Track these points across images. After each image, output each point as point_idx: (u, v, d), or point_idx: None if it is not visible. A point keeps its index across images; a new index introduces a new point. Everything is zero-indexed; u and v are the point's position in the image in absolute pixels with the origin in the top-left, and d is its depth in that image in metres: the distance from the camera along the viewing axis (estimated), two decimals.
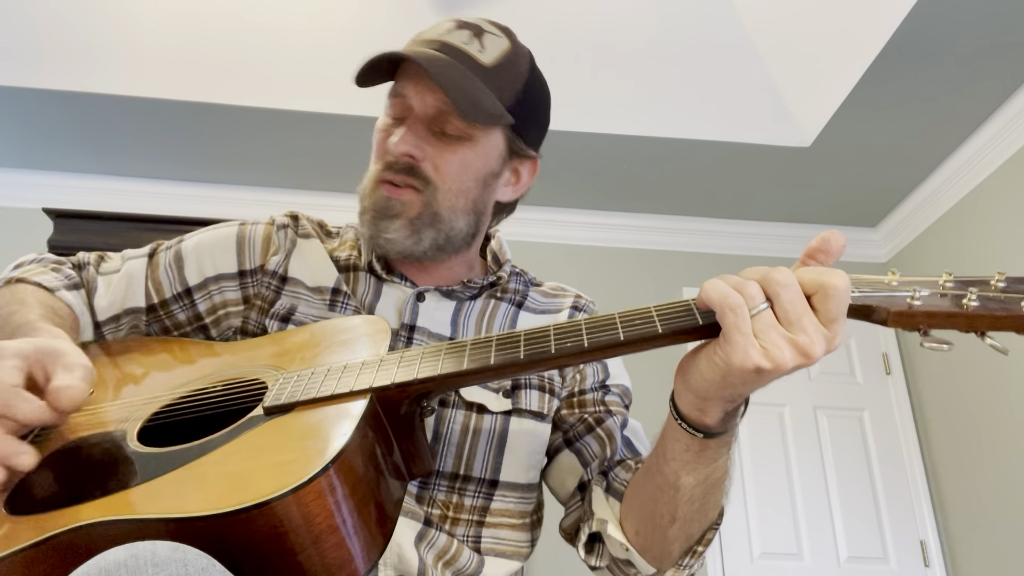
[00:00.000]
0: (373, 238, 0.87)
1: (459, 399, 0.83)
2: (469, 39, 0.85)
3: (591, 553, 0.81)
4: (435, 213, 0.86)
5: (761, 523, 3.07)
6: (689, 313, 0.60)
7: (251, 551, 0.52)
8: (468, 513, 0.81)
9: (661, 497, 0.71)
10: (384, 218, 0.86)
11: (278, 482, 0.52)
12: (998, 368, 2.80)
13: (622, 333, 0.60)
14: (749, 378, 0.57)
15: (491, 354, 0.64)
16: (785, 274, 0.56)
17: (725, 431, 0.65)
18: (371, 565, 0.57)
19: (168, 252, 0.94)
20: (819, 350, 0.55)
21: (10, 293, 0.84)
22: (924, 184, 3.22)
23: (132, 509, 0.54)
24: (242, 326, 0.90)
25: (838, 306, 0.55)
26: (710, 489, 0.70)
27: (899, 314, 0.57)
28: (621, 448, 0.86)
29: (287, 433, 0.60)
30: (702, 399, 0.62)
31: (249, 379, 0.72)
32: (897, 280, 0.59)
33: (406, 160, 0.85)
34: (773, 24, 2.71)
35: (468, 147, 0.87)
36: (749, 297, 0.56)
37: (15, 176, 3.33)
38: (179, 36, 2.78)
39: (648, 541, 0.75)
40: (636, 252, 3.56)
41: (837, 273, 0.56)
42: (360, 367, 0.66)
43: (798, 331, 0.55)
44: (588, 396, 0.91)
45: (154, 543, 0.48)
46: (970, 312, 0.56)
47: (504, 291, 0.97)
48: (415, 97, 0.85)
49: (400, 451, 0.66)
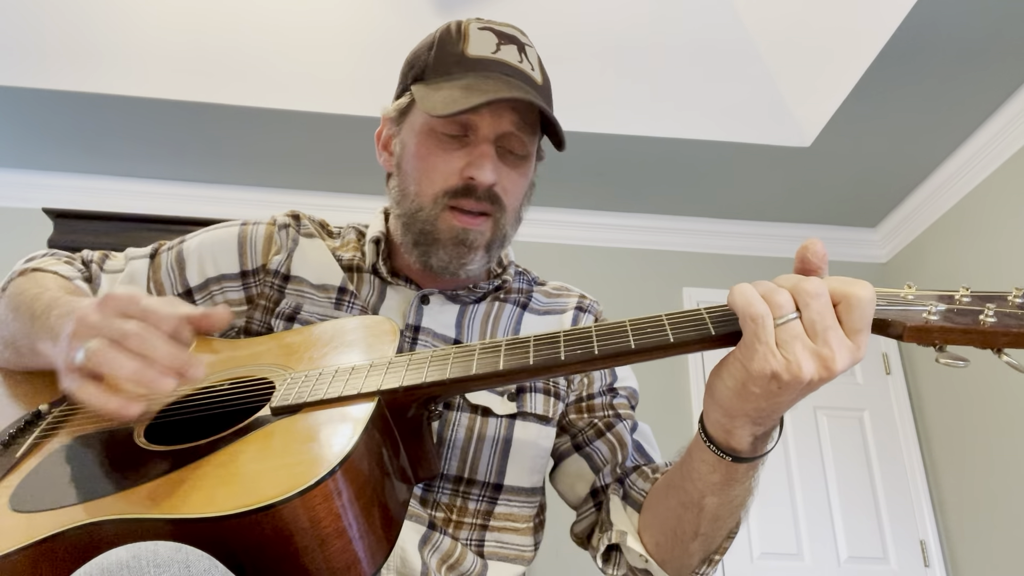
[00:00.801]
0: (447, 268, 0.85)
1: (464, 402, 0.83)
2: (518, 56, 0.86)
3: (608, 562, 0.81)
4: (504, 236, 0.87)
5: (761, 523, 3.07)
6: (702, 323, 0.60)
7: (256, 553, 0.51)
8: (472, 517, 0.81)
9: (685, 515, 0.71)
10: (465, 251, 0.84)
11: (284, 485, 0.51)
12: (998, 368, 2.79)
13: (633, 342, 0.60)
14: (770, 388, 0.56)
15: (500, 359, 0.63)
16: (816, 284, 0.56)
17: (754, 457, 0.64)
18: (377, 568, 0.57)
19: (170, 253, 0.94)
20: (841, 364, 0.54)
21: (30, 280, 0.84)
22: (924, 184, 3.22)
23: (136, 508, 0.54)
24: (246, 326, 0.89)
25: (863, 317, 0.55)
26: (734, 509, 0.70)
27: (915, 329, 0.56)
28: (632, 453, 0.86)
29: (294, 435, 0.60)
30: (728, 417, 0.61)
31: (256, 378, 0.72)
32: (913, 294, 0.58)
33: (489, 190, 0.83)
34: (773, 24, 2.71)
35: (528, 166, 0.88)
36: (777, 306, 0.55)
37: (15, 176, 3.33)
38: (179, 36, 2.78)
39: (668, 555, 0.75)
40: (636, 252, 3.56)
41: (862, 284, 0.55)
42: (368, 369, 0.66)
43: (822, 344, 0.54)
44: (597, 400, 0.90)
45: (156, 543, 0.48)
46: (987, 329, 0.54)
47: (509, 293, 0.96)
48: (488, 118, 0.83)
49: (407, 454, 0.66)
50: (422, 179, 0.85)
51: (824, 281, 0.57)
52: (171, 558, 0.47)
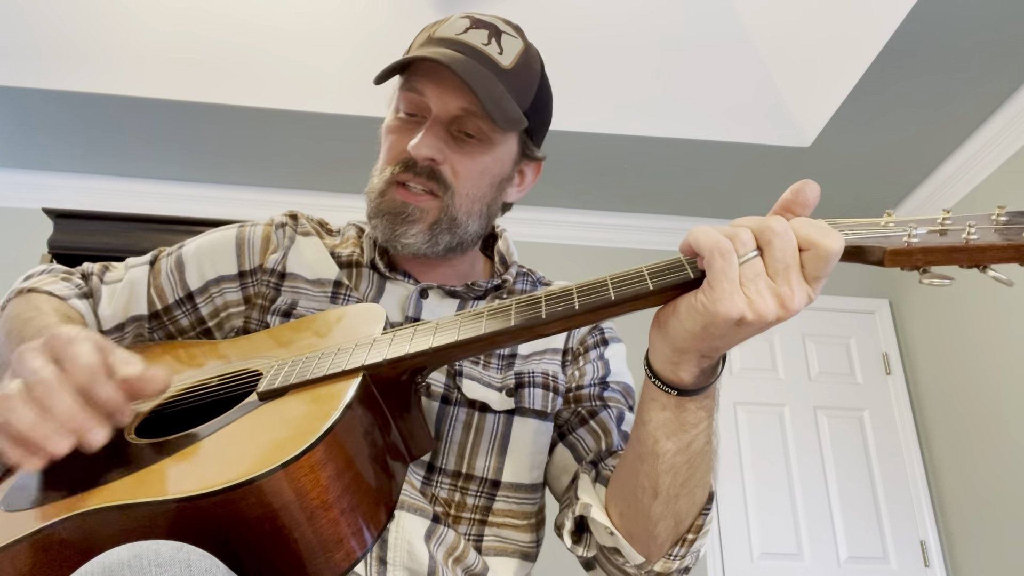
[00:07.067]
0: (389, 241, 0.87)
1: (462, 397, 0.83)
2: (487, 39, 0.85)
3: (578, 543, 0.80)
4: (453, 218, 0.86)
5: (761, 523, 3.07)
6: (680, 267, 0.59)
7: (245, 531, 0.52)
8: (470, 512, 0.81)
9: (641, 467, 0.69)
10: (402, 223, 0.85)
11: (269, 459, 0.52)
12: (999, 368, 2.80)
13: (612, 293, 0.59)
14: (730, 329, 0.56)
15: (483, 323, 0.63)
16: (781, 223, 0.55)
17: (702, 389, 0.64)
18: (369, 545, 0.57)
19: (170, 258, 0.94)
20: (798, 304, 0.54)
21: (25, 302, 0.85)
22: (924, 184, 3.22)
23: (125, 495, 0.54)
24: (244, 326, 0.90)
25: (826, 268, 0.55)
26: (693, 460, 0.68)
27: (896, 252, 0.54)
28: (618, 442, 0.84)
29: (280, 415, 0.61)
30: (678, 351, 0.61)
31: (245, 370, 0.73)
32: (893, 221, 0.57)
33: (427, 164, 0.84)
34: (773, 24, 2.71)
35: (487, 152, 0.87)
36: (741, 243, 0.55)
37: (15, 176, 3.33)
38: (179, 36, 2.78)
39: (632, 523, 0.72)
40: (636, 252, 3.55)
41: (835, 235, 0.55)
42: (353, 348, 0.66)
43: (782, 282, 0.54)
44: (585, 391, 0.90)
45: (158, 543, 0.48)
46: (972, 245, 0.53)
47: (510, 293, 0.96)
48: (435, 98, 0.84)
49: (398, 430, 0.66)
50: (382, 155, 0.89)
51: (791, 222, 0.56)
52: (172, 557, 0.47)
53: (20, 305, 0.84)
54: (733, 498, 3.10)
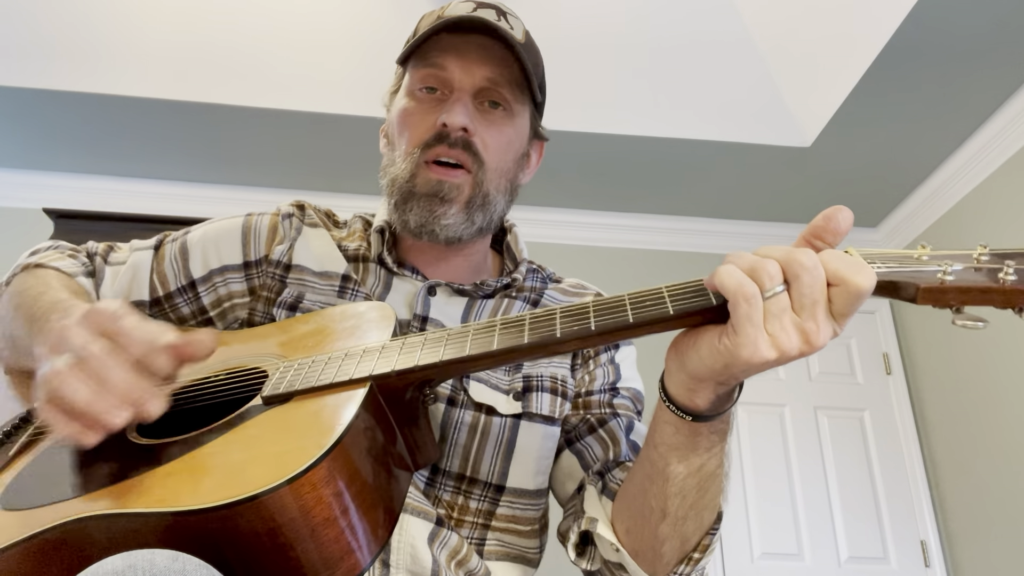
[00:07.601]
0: (425, 225, 0.84)
1: (468, 399, 0.81)
2: (497, 17, 0.84)
3: (582, 556, 0.78)
4: (486, 194, 0.85)
5: (761, 523, 3.07)
6: (702, 293, 0.56)
7: (245, 546, 0.50)
8: (473, 516, 0.80)
9: (650, 488, 0.67)
10: (440, 203, 0.83)
11: (273, 474, 0.50)
12: (999, 368, 2.79)
13: (631, 315, 0.57)
14: (752, 368, 0.54)
15: (495, 339, 0.61)
16: (810, 256, 0.52)
17: (717, 415, 0.62)
18: (374, 557, 0.55)
19: (174, 244, 0.92)
20: (823, 341, 0.52)
21: (33, 277, 0.83)
22: (925, 184, 3.22)
23: (123, 503, 0.53)
24: (248, 317, 0.88)
25: (855, 305, 0.52)
26: (704, 483, 0.66)
27: (929, 290, 0.52)
28: (627, 452, 0.82)
29: (284, 423, 0.59)
30: (696, 380, 0.59)
31: (251, 368, 0.71)
32: (928, 255, 0.54)
33: (461, 135, 0.82)
34: (773, 24, 2.71)
35: (510, 123, 0.86)
36: (768, 277, 0.52)
37: (15, 176, 3.33)
38: (180, 36, 2.78)
39: (638, 541, 0.71)
40: (636, 252, 3.55)
41: (866, 272, 0.52)
42: (361, 354, 0.64)
43: (808, 318, 0.52)
44: (595, 397, 0.88)
45: (153, 552, 0.47)
46: (1008, 287, 0.51)
47: (520, 290, 0.94)
48: (459, 70, 0.82)
49: (404, 440, 0.64)
50: (401, 140, 0.86)
51: (819, 255, 0.53)
52: (167, 567, 0.46)
53: (28, 280, 0.82)
54: (733, 498, 3.09)
